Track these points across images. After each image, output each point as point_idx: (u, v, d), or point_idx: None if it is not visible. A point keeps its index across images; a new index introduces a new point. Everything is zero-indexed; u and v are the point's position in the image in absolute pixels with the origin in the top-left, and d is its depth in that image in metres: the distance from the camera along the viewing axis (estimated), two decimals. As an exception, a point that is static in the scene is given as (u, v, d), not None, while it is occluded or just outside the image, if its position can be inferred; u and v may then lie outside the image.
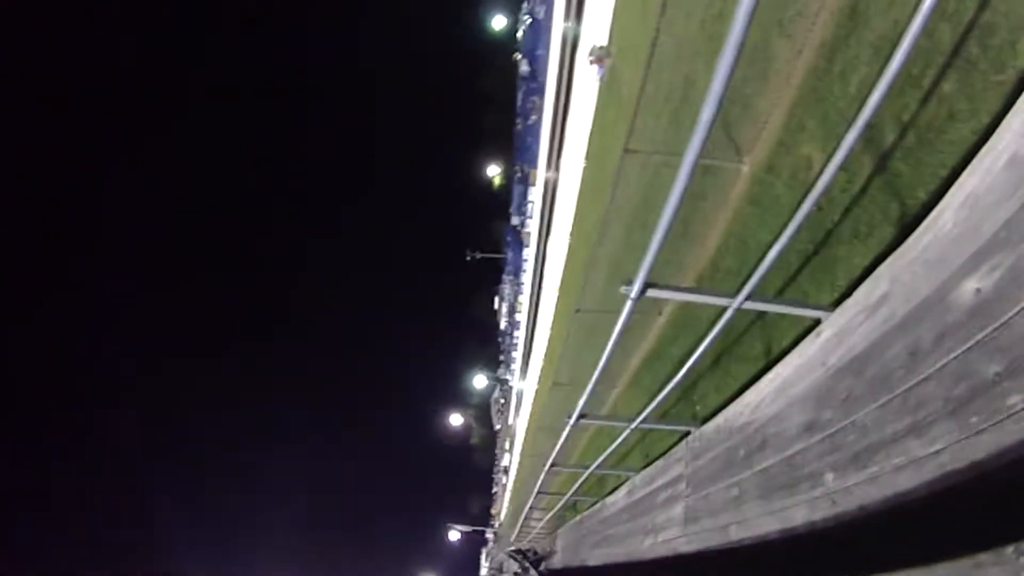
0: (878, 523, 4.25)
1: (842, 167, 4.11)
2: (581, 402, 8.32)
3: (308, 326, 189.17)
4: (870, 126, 3.80)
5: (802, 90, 7.48)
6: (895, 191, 5.35)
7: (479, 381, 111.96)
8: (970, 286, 3.55)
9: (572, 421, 8.87)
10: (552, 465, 12.81)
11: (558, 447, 11.62)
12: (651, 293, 5.06)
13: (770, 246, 7.72)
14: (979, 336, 3.44)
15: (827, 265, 6.46)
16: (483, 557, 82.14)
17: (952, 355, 3.64)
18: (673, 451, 9.47)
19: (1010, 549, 2.81)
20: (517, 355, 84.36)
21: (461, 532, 72.84)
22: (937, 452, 3.69)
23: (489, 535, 79.66)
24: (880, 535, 4.25)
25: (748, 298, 5.18)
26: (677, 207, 3.88)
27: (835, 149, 4.05)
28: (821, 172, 4.21)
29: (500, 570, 44.93)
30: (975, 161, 3.63)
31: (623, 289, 5.01)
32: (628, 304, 5.22)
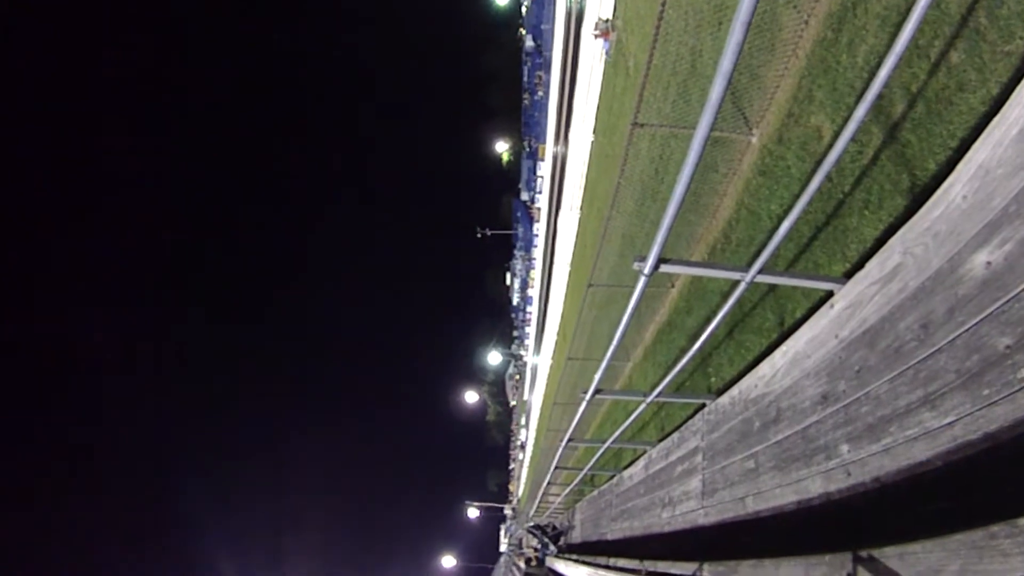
0: (892, 494, 4.29)
1: (851, 138, 4.09)
2: (597, 377, 8.36)
3: (318, 310, 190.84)
4: (879, 96, 3.78)
5: (810, 60, 7.41)
6: (905, 161, 5.33)
7: (493, 358, 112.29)
8: (981, 259, 3.55)
9: (588, 396, 8.91)
10: (569, 440, 12.90)
11: (575, 422, 11.69)
12: (664, 268, 5.07)
13: (781, 218, 7.72)
14: (990, 309, 3.44)
15: (838, 236, 6.45)
16: (502, 533, 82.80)
17: (964, 328, 3.65)
18: (689, 424, 9.51)
19: (1023, 520, 2.83)
20: (531, 330, 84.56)
21: (479, 509, 73.52)
22: (950, 424, 3.71)
23: (507, 511, 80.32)
24: (894, 506, 4.28)
25: (760, 271, 5.18)
26: (690, 179, 3.88)
27: (845, 121, 4.03)
28: (832, 143, 4.20)
29: (519, 546, 45.33)
30: (986, 133, 3.61)
31: (636, 265, 5.02)
32: (642, 280, 5.23)
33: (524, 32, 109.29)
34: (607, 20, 23.41)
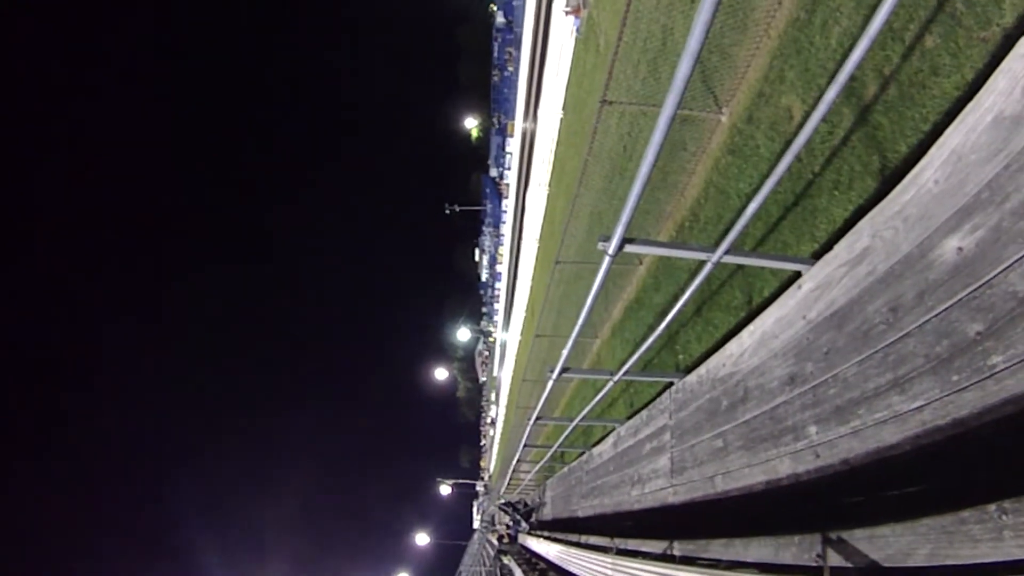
0: (862, 477, 4.31)
1: (822, 119, 4.05)
2: (564, 356, 8.32)
3: (286, 289, 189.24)
4: (851, 78, 3.73)
5: (782, 41, 7.36)
6: (876, 144, 5.31)
7: (462, 334, 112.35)
8: (952, 244, 3.54)
9: (555, 375, 8.89)
10: (538, 418, 12.92)
11: (542, 401, 11.69)
12: (629, 248, 5.03)
13: (750, 197, 7.69)
14: (961, 295, 3.44)
15: (807, 216, 6.45)
16: (475, 510, 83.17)
17: (934, 313, 3.65)
18: (657, 401, 9.54)
19: (992, 507, 2.84)
20: (499, 307, 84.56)
21: (451, 486, 73.60)
22: (920, 408, 3.72)
23: (479, 488, 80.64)
24: (864, 489, 4.31)
25: (728, 252, 5.16)
26: (655, 159, 3.83)
27: (816, 102, 3.98)
28: (802, 124, 4.16)
29: (492, 522, 45.57)
30: (959, 119, 3.59)
31: (601, 245, 4.97)
32: (606, 260, 5.19)
33: (495, 8, 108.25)
34: (579, -4, 23.19)
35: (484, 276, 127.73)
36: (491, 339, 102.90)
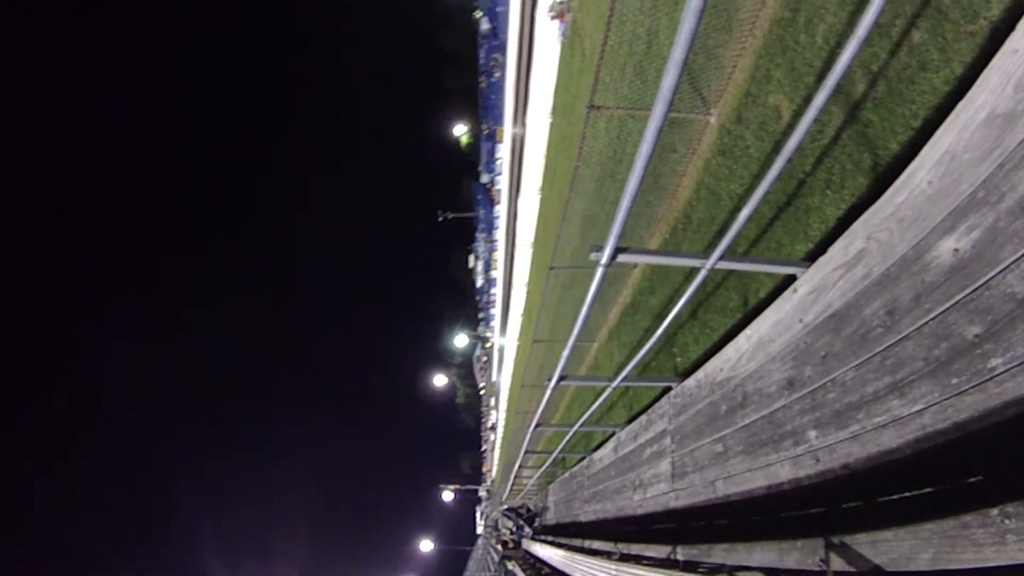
0: (863, 481, 4.26)
1: (811, 123, 3.99)
2: (560, 364, 8.24)
3: (283, 301, 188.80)
4: (839, 76, 3.68)
5: (767, 40, 7.32)
6: (867, 141, 5.27)
7: (460, 340, 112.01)
8: (948, 246, 3.49)
9: (553, 384, 8.80)
10: (537, 425, 12.85)
11: (541, 409, 11.61)
12: (622, 258, 4.96)
13: (742, 197, 7.65)
14: (958, 297, 3.39)
15: (800, 215, 6.40)
16: (478, 515, 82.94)
17: (931, 315, 3.59)
18: (656, 406, 9.49)
19: (995, 511, 2.80)
20: (496, 312, 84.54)
21: (454, 492, 73.29)
22: (919, 412, 3.67)
23: (482, 493, 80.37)
24: (865, 493, 4.25)
25: (722, 258, 5.11)
26: (644, 171, 3.77)
27: (805, 101, 3.95)
28: (791, 123, 4.12)
29: (496, 527, 45.51)
30: (951, 117, 3.54)
31: (593, 255, 4.90)
32: (599, 270, 5.12)
33: (479, 15, 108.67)
34: (562, 1, 23.14)
35: (479, 282, 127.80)
36: (488, 344, 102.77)
